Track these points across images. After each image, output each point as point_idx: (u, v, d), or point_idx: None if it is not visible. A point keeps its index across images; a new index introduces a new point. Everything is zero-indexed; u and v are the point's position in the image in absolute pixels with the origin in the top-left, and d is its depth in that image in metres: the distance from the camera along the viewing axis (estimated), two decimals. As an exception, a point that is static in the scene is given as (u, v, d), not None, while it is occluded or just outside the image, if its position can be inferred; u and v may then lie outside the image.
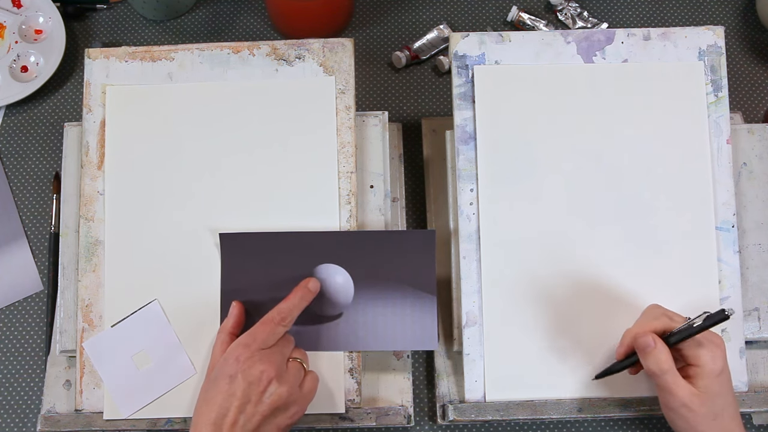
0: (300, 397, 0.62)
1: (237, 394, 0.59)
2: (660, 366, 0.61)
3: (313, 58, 0.73)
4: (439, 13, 0.92)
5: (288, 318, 0.64)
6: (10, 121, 0.88)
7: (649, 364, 0.61)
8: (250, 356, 0.60)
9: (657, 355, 0.61)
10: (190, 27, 0.92)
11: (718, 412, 0.60)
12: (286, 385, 0.61)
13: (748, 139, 0.75)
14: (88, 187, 0.72)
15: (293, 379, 0.62)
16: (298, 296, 0.65)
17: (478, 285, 0.70)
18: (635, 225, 0.71)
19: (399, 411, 0.70)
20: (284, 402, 0.61)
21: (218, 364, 0.62)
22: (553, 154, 0.72)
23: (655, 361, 0.61)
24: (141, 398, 0.69)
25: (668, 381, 0.61)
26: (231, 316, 0.66)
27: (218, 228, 0.70)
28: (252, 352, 0.61)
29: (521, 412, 0.69)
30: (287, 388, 0.61)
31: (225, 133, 0.72)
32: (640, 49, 0.73)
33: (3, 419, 0.75)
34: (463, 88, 0.73)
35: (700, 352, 0.61)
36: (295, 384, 0.62)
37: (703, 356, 0.61)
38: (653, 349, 0.61)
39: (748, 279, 0.72)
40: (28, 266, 0.81)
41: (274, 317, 0.63)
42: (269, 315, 0.63)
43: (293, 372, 0.63)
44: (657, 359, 0.61)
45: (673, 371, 0.61)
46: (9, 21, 0.90)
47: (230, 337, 0.65)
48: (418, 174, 0.83)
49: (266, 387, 0.60)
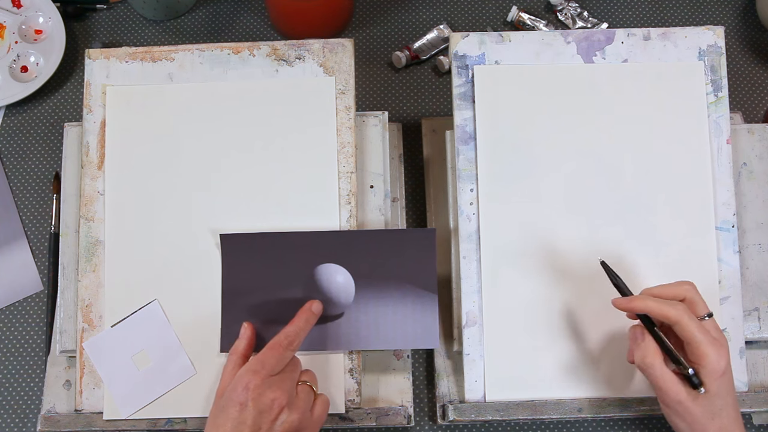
0: (311, 423, 0.62)
1: (248, 422, 0.58)
2: (644, 360, 0.60)
3: (313, 58, 0.73)
4: (439, 13, 0.93)
5: (295, 342, 0.63)
6: (10, 121, 0.88)
7: (635, 357, 0.61)
8: (260, 383, 0.59)
9: (643, 348, 0.60)
10: (190, 27, 0.92)
11: (716, 412, 0.60)
12: (297, 411, 0.60)
13: (748, 139, 0.75)
14: (88, 187, 0.72)
15: (304, 405, 0.61)
16: (303, 319, 0.65)
17: (478, 285, 0.70)
18: (635, 225, 0.71)
19: (399, 411, 0.70)
20: (295, 429, 0.60)
21: (227, 391, 0.60)
22: (553, 154, 0.72)
23: (639, 356, 0.61)
24: (141, 398, 0.69)
25: (656, 376, 0.60)
26: (243, 338, 0.65)
27: (218, 228, 0.70)
28: (262, 378, 0.59)
29: (521, 412, 0.69)
30: (298, 415, 0.60)
31: (225, 133, 0.72)
32: (640, 49, 0.73)
33: (3, 419, 0.75)
34: (463, 88, 0.73)
35: (705, 351, 0.59)
36: (306, 409, 0.61)
37: (709, 355, 0.59)
38: (641, 342, 0.61)
39: (748, 279, 0.72)
40: (28, 266, 0.81)
41: (282, 341, 0.62)
42: (276, 339, 0.62)
43: (303, 397, 0.62)
44: (642, 353, 0.60)
45: (659, 366, 0.60)
46: (9, 21, 0.90)
47: (243, 359, 0.64)
48: (418, 174, 0.83)
49: (277, 415, 0.59)
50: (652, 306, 0.60)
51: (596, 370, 0.69)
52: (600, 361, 0.69)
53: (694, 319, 0.60)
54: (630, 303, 0.62)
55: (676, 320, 0.60)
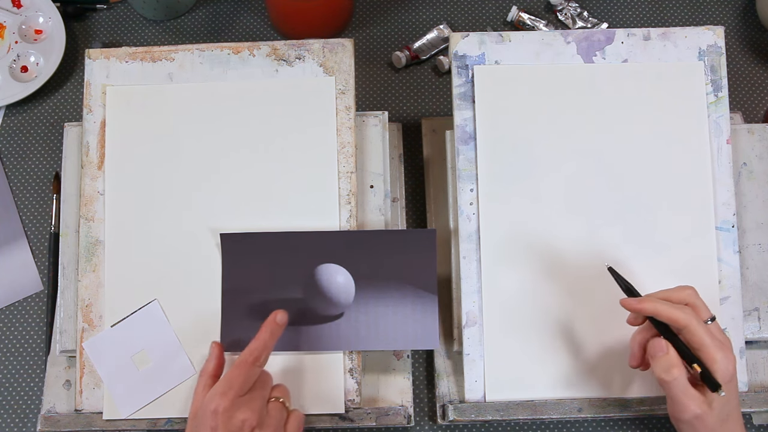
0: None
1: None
2: (669, 371, 0.58)
3: (313, 58, 0.73)
4: (439, 13, 0.93)
5: (262, 356, 0.61)
6: (10, 121, 0.88)
7: (656, 369, 0.59)
8: (228, 406, 0.57)
9: (667, 360, 0.59)
10: (190, 27, 0.92)
11: (725, 418, 0.59)
12: (268, 430, 0.59)
13: (748, 139, 0.75)
14: (88, 187, 0.72)
15: (276, 423, 0.60)
16: (268, 332, 0.62)
17: (478, 285, 0.70)
18: (635, 225, 0.71)
19: (399, 411, 0.70)
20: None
21: (198, 414, 0.59)
22: (553, 154, 0.72)
23: (663, 368, 0.59)
24: (141, 398, 0.69)
25: (678, 392, 0.58)
26: (212, 358, 0.63)
27: (218, 228, 0.70)
28: (230, 400, 0.58)
29: (521, 412, 0.69)
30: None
31: (225, 133, 0.72)
32: (640, 49, 0.73)
33: (3, 419, 0.75)
34: (463, 88, 0.73)
35: (715, 355, 0.58)
36: (278, 426, 0.60)
37: (719, 361, 0.58)
38: (664, 354, 0.59)
39: (748, 279, 0.72)
40: (28, 266, 0.81)
41: (247, 359, 0.60)
42: (242, 357, 0.60)
43: (275, 414, 0.60)
44: (666, 365, 0.59)
45: (683, 380, 0.58)
46: (9, 21, 0.90)
47: (212, 380, 0.62)
48: (418, 174, 0.83)
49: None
50: (661, 309, 0.59)
51: (596, 370, 0.69)
52: (600, 361, 0.69)
53: (702, 324, 0.59)
54: (639, 304, 0.60)
55: (685, 324, 0.59)
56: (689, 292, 0.62)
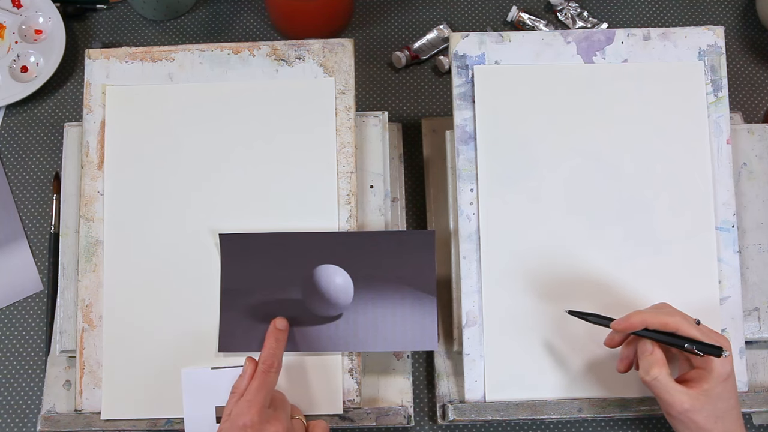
0: None
1: None
2: (649, 373, 0.60)
3: (313, 58, 0.73)
4: (439, 13, 0.92)
5: (275, 363, 0.63)
6: (10, 121, 0.88)
7: (640, 372, 0.61)
8: (257, 420, 0.59)
9: (647, 361, 0.60)
10: (190, 27, 0.92)
11: (720, 415, 0.60)
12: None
13: (748, 139, 0.75)
14: (88, 187, 0.72)
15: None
16: (273, 339, 0.65)
17: (478, 285, 0.70)
18: (635, 225, 0.71)
19: (399, 411, 0.70)
20: None
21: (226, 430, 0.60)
22: (553, 154, 0.72)
23: (644, 369, 0.60)
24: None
25: (660, 391, 0.60)
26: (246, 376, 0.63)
27: (218, 228, 0.70)
28: (258, 413, 0.59)
29: (521, 412, 0.69)
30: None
31: (225, 133, 0.72)
32: (640, 49, 0.73)
33: (3, 419, 0.75)
34: (463, 88, 0.73)
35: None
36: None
37: (715, 360, 0.59)
38: (649, 355, 0.60)
39: (748, 279, 0.72)
40: (28, 266, 0.81)
41: (261, 368, 0.62)
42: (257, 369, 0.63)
43: (298, 429, 0.63)
44: (646, 366, 0.60)
45: (663, 378, 0.59)
46: (9, 21, 0.90)
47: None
48: (418, 174, 0.83)
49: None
50: (649, 318, 0.61)
51: (596, 370, 0.69)
52: (600, 361, 0.69)
53: (693, 324, 0.61)
54: (627, 321, 0.62)
55: (675, 327, 0.60)
56: (668, 308, 0.63)
